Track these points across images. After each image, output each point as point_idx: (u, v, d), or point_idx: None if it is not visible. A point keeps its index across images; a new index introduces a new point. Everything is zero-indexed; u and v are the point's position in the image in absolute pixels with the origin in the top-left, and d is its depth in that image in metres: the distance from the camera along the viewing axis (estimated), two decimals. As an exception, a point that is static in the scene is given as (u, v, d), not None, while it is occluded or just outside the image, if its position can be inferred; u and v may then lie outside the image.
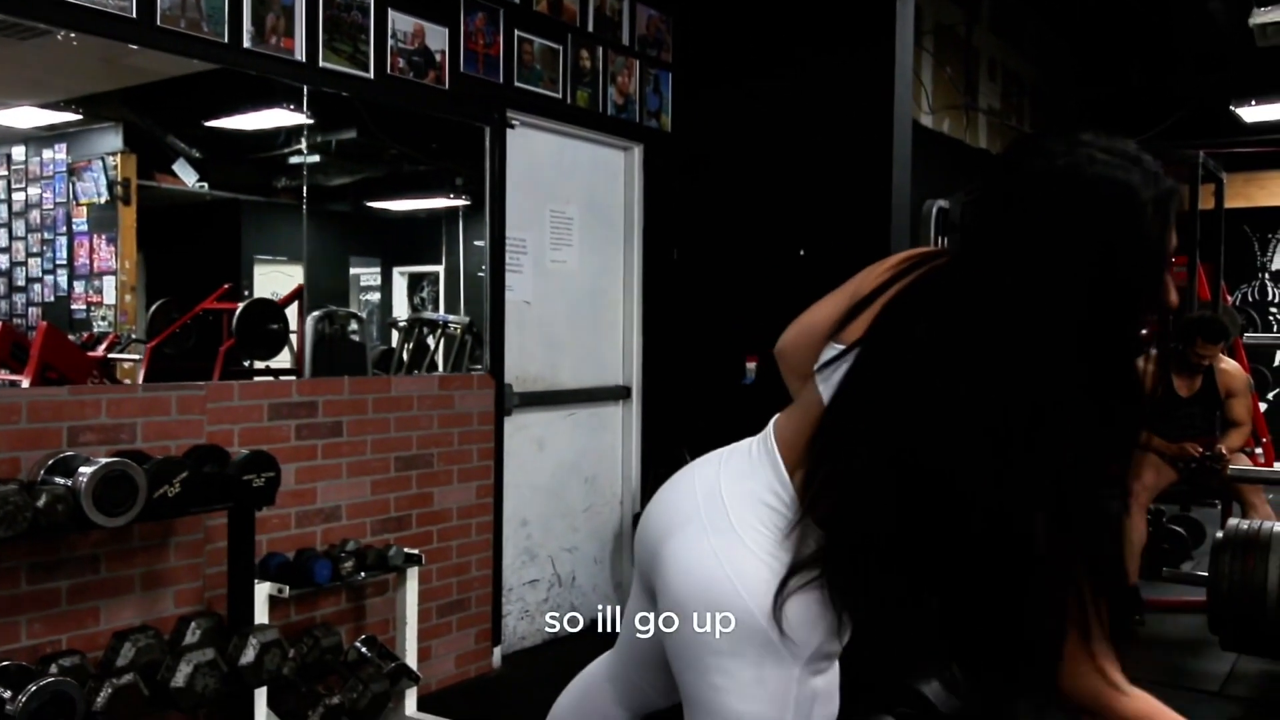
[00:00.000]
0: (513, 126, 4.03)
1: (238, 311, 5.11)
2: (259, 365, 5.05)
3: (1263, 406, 7.11)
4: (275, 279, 6.27)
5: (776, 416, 1.43)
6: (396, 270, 7.59)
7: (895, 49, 4.23)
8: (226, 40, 3.07)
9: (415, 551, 3.37)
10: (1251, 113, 7.21)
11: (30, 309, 5.94)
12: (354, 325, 6.47)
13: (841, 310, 1.33)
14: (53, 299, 6.03)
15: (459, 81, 3.78)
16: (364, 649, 3.26)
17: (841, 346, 1.29)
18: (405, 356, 5.98)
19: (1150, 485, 4.63)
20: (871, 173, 4.26)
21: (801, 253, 4.41)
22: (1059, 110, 8.23)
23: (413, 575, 3.37)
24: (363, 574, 3.18)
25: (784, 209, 4.49)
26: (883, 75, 4.26)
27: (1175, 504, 5.86)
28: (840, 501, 1.23)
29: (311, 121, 4.85)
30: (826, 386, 1.30)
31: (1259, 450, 6.65)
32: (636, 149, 4.65)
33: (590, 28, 4.35)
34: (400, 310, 7.00)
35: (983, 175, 1.24)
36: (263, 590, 2.92)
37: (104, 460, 2.45)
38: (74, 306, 6.04)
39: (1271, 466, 5.84)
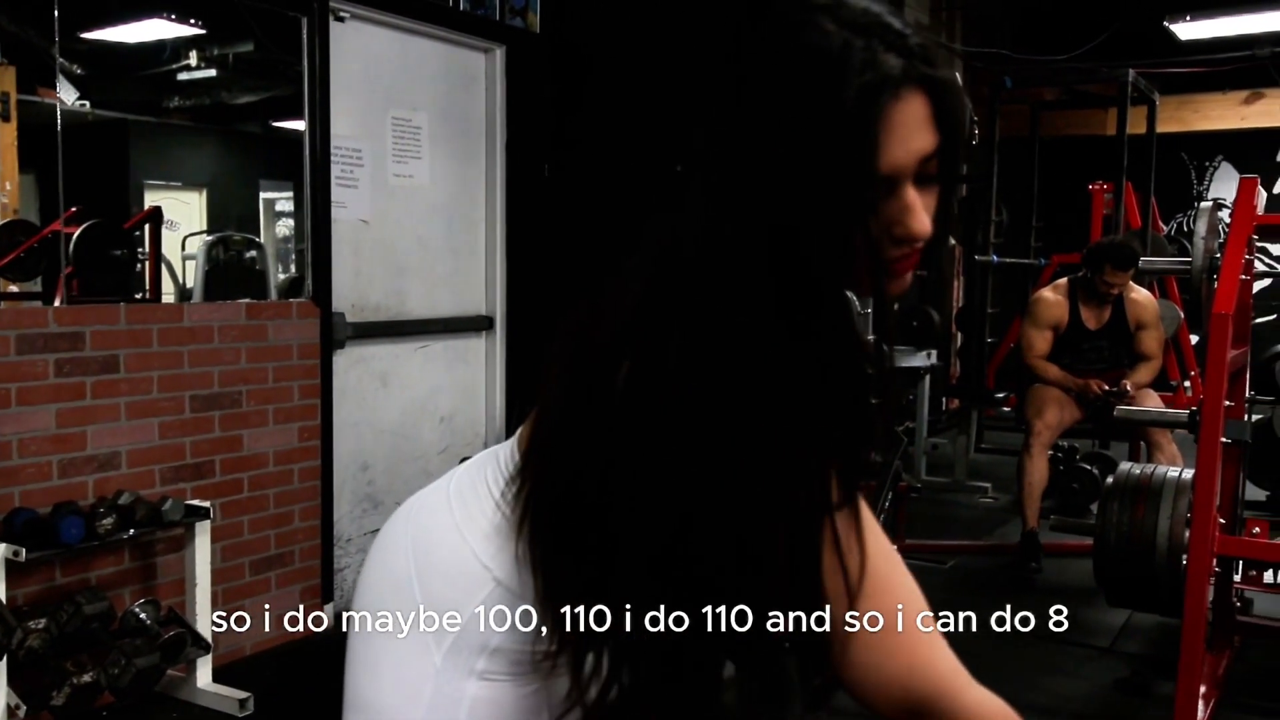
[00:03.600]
0: (341, 19, 3.53)
1: (75, 235, 4.58)
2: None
3: (1194, 339, 6.80)
4: (172, 206, 5.85)
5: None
6: (312, 195, 7.08)
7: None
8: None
9: (202, 504, 2.95)
10: (1187, 29, 6.78)
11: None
12: (252, 251, 6.00)
13: None
14: (-69, 223, 5.53)
15: (267, -37, 3.28)
16: (143, 615, 2.86)
17: None
18: (317, 284, 5.57)
19: (1053, 424, 4.32)
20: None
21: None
22: (990, 25, 7.80)
23: (203, 530, 2.95)
24: (131, 531, 2.77)
25: (666, 121, 4.03)
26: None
27: (1091, 439, 5.60)
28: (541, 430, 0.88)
29: (203, 32, 4.35)
30: None
31: (1186, 384, 6.37)
32: (498, 51, 4.16)
33: (438, -91, 3.84)
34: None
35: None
36: (-3, 552, 2.49)
37: None
38: (-44, 232, 5.55)
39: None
